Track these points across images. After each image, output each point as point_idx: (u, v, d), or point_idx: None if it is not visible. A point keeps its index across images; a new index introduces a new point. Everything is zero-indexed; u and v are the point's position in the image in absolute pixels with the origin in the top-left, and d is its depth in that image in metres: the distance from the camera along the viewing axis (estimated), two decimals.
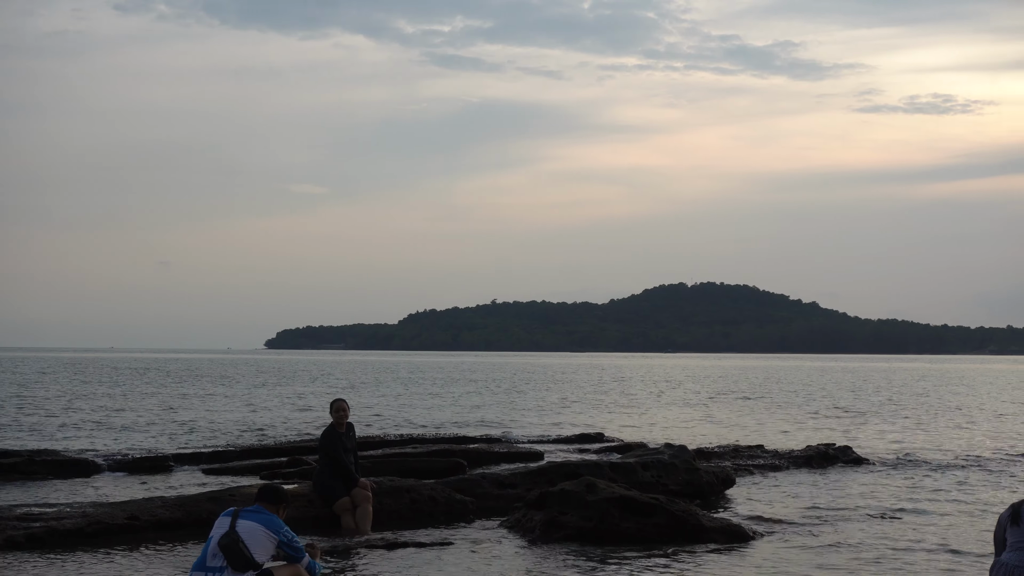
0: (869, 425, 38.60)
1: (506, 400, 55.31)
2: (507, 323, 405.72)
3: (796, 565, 13.82)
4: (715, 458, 24.80)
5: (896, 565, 13.84)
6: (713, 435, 33.58)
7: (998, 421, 40.82)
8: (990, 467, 24.81)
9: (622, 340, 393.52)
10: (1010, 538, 9.99)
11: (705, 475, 20.17)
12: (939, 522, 17.16)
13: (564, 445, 29.12)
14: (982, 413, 45.85)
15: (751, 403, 53.58)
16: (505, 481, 18.80)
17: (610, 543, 14.91)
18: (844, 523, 16.97)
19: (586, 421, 39.64)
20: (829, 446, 25.94)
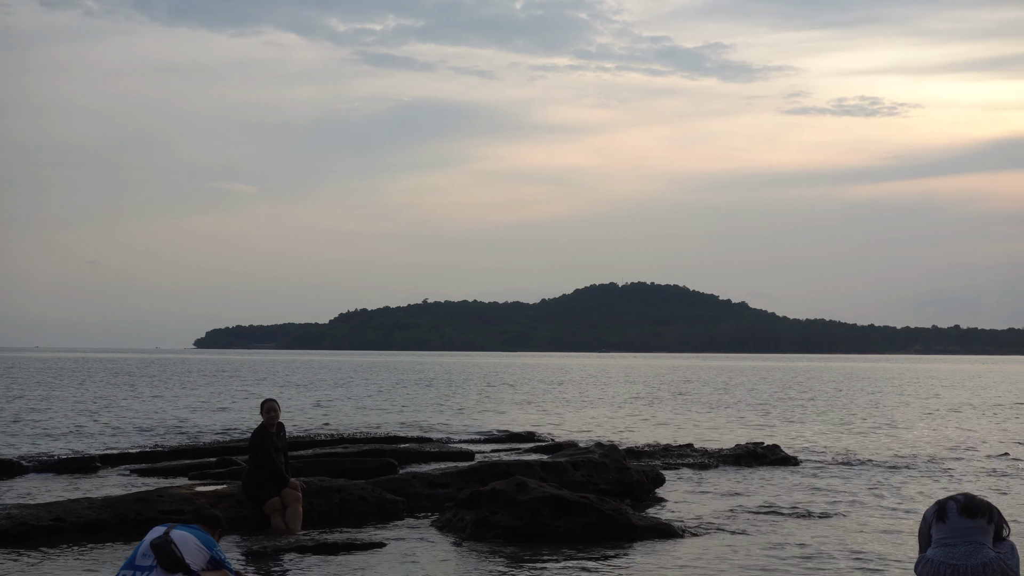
0: (797, 424, 38.98)
1: (437, 400, 55.23)
2: (439, 323, 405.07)
3: (724, 563, 13.92)
4: (645, 457, 24.97)
5: (822, 564, 13.98)
6: (643, 434, 33.75)
7: (925, 420, 41.36)
8: (917, 465, 25.12)
9: (553, 340, 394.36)
10: (935, 535, 10.12)
11: (635, 474, 20.27)
12: (866, 520, 17.35)
13: (495, 445, 29.16)
14: (909, 412, 46.44)
15: (681, 402, 53.91)
16: (436, 481, 18.79)
17: (541, 542, 14.95)
18: (772, 522, 17.11)
19: (517, 421, 39.68)
20: (758, 445, 26.15)
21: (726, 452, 25.87)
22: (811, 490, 20.80)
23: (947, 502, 10.20)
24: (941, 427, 37.51)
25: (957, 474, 23.62)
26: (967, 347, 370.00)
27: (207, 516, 11.34)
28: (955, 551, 9.85)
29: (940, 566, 9.86)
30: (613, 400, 55.83)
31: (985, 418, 42.64)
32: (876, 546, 15.11)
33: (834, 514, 17.88)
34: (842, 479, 22.57)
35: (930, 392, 68.29)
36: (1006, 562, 9.88)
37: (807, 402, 54.59)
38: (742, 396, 61.35)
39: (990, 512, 10.16)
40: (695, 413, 45.51)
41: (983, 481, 22.39)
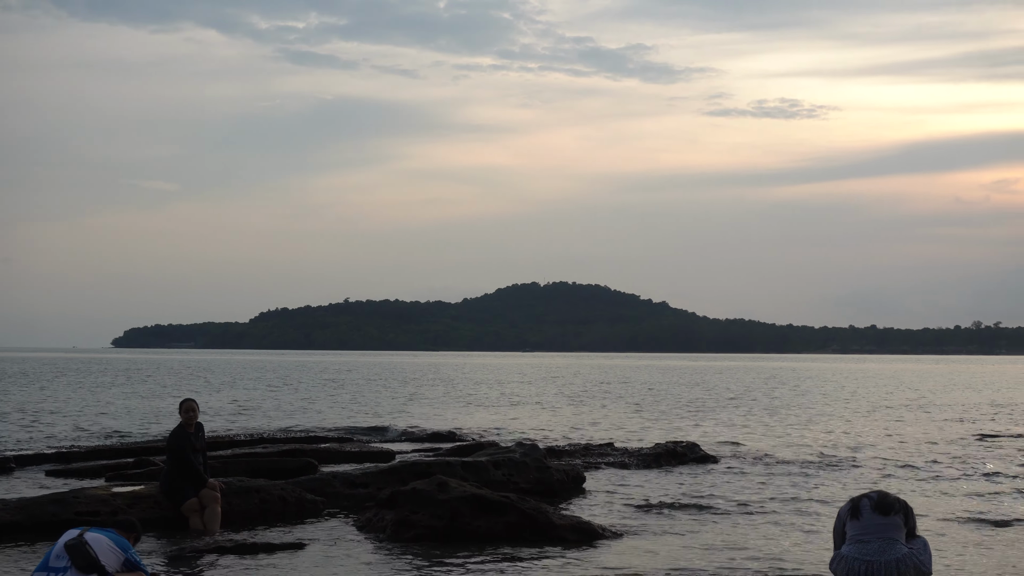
0: (716, 422, 39.29)
1: (357, 399, 55.02)
2: (360, 322, 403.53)
3: (644, 562, 14.00)
4: (566, 456, 25.04)
5: (739, 562, 14.12)
6: (564, 434, 33.86)
7: (841, 419, 41.86)
8: (833, 464, 25.42)
9: (475, 339, 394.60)
10: (849, 531, 10.27)
11: (556, 473, 20.34)
12: (783, 518, 17.53)
13: (416, 444, 29.14)
14: (826, 411, 46.98)
15: (602, 402, 54.13)
16: (356, 480, 18.73)
17: (462, 542, 14.95)
18: (691, 520, 17.24)
19: (438, 420, 39.64)
20: (677, 444, 26.31)
21: (646, 451, 26.01)
22: (729, 488, 20.97)
23: (861, 499, 10.36)
24: (857, 426, 37.98)
25: (872, 472, 23.93)
26: (883, 347, 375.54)
27: (122, 521, 11.29)
28: (869, 547, 10.01)
29: (854, 562, 10.01)
30: (534, 399, 55.93)
31: (899, 417, 43.24)
32: (793, 544, 15.27)
33: (752, 512, 18.05)
34: (760, 477, 22.79)
35: (847, 391, 69.15)
36: (918, 558, 10.06)
37: (726, 401, 55.03)
38: (662, 395, 61.73)
39: (903, 509, 10.34)
40: (616, 412, 45.72)
41: (897, 479, 22.72)
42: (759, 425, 38.13)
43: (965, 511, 18.20)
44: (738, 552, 14.63)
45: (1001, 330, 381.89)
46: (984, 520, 17.28)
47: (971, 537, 15.84)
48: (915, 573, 10.00)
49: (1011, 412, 47.02)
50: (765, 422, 39.65)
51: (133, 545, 10.88)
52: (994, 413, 46.24)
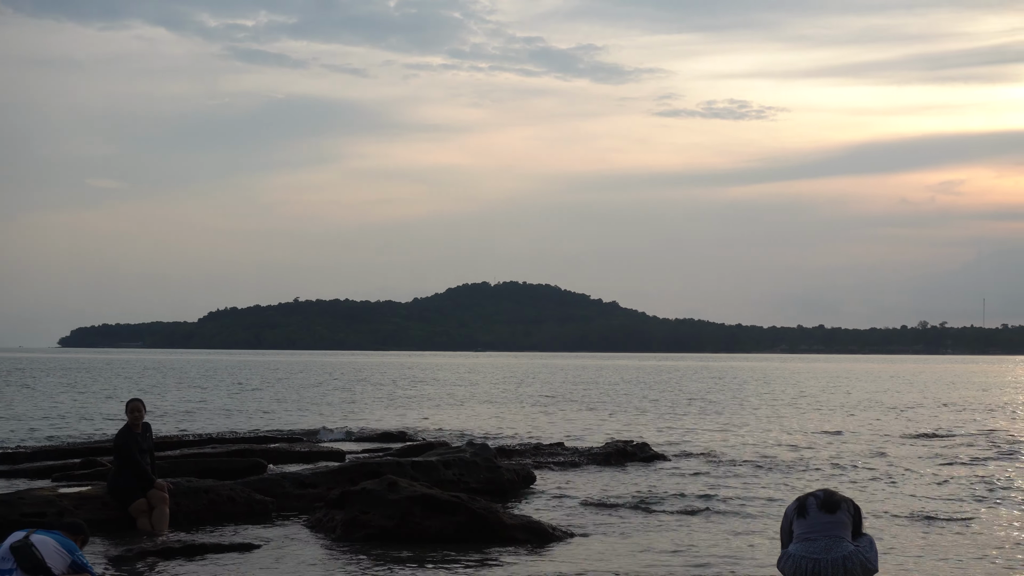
0: (666, 422, 39.43)
1: (308, 399, 54.82)
2: (310, 321, 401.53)
3: (594, 562, 14.03)
4: (516, 456, 25.06)
5: (689, 560, 14.18)
6: (514, 433, 33.89)
7: (791, 417, 42.13)
8: (782, 462, 25.57)
9: (426, 339, 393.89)
10: (796, 530, 10.33)
11: (506, 473, 20.36)
12: (732, 517, 17.61)
13: (366, 444, 29.09)
14: (776, 410, 47.26)
15: (552, 401, 54.22)
16: (306, 481, 18.65)
17: (412, 542, 14.92)
18: (641, 519, 17.30)
19: (389, 420, 39.58)
20: (627, 443, 26.38)
21: (596, 450, 26.07)
22: (679, 487, 21.05)
23: (807, 498, 10.43)
24: (805, 425, 38.23)
25: (819, 470, 24.10)
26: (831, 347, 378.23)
27: (69, 523, 11.18)
28: (815, 545, 10.08)
29: (802, 560, 10.08)
30: (485, 399, 55.94)
31: (846, 416, 43.56)
32: (741, 543, 15.36)
33: (701, 511, 18.12)
34: (709, 477, 22.89)
35: (796, 391, 69.61)
36: (865, 555, 10.15)
37: (676, 400, 55.26)
38: (612, 394, 61.90)
39: (849, 507, 10.43)
40: (566, 412, 45.81)
41: (844, 477, 22.89)
42: (709, 424, 38.30)
43: (911, 508, 18.36)
44: (688, 552, 14.69)
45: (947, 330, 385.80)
46: (930, 517, 17.44)
47: (917, 534, 15.99)
48: (862, 570, 10.08)
49: (957, 411, 47.48)
50: (714, 421, 39.83)
51: (80, 547, 10.79)
52: (940, 412, 46.67)
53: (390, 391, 65.25)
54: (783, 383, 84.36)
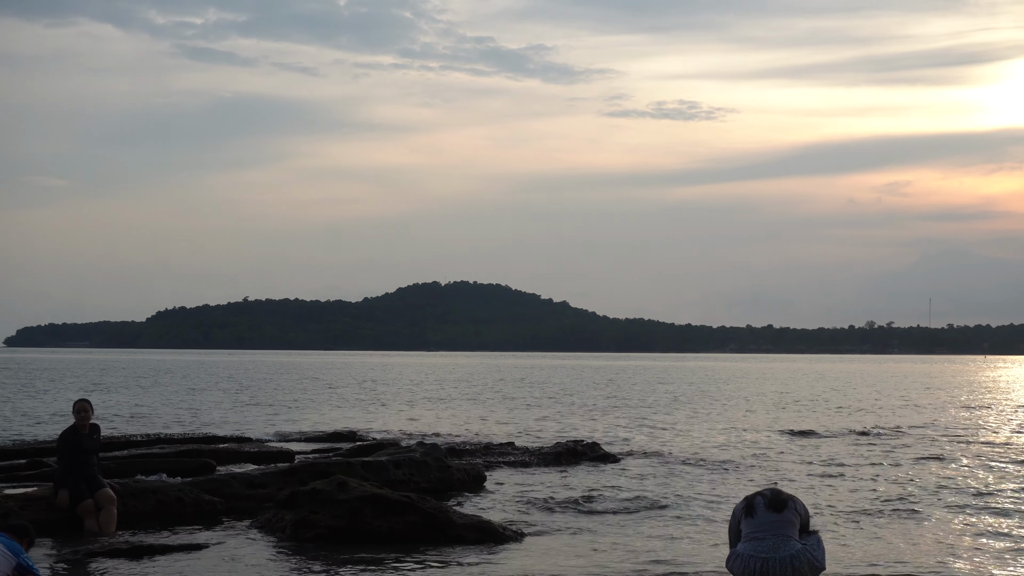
0: (617, 421, 39.55)
1: (257, 399, 54.55)
2: (259, 321, 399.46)
3: (544, 561, 14.06)
4: (467, 456, 25.05)
5: (640, 559, 14.23)
6: (465, 433, 33.88)
7: (740, 417, 42.36)
8: (731, 461, 25.72)
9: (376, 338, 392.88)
10: (744, 529, 10.39)
11: (457, 472, 20.36)
12: (683, 516, 17.70)
13: (316, 444, 28.98)
14: (724, 409, 47.51)
15: (502, 401, 54.24)
16: (255, 481, 18.57)
17: (362, 542, 14.89)
18: (592, 519, 17.35)
19: (339, 420, 39.46)
20: (577, 443, 26.45)
21: (547, 450, 26.11)
22: (628, 487, 21.12)
23: (755, 497, 10.49)
24: (754, 424, 38.47)
25: (767, 469, 24.27)
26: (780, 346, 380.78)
27: (14, 525, 11.08)
28: (763, 544, 10.14)
29: (750, 560, 10.13)
30: (435, 399, 55.90)
31: (795, 414, 43.88)
32: (690, 543, 15.44)
33: (650, 511, 18.20)
34: (659, 476, 22.98)
35: (745, 390, 70.01)
36: (812, 553, 10.22)
37: (626, 400, 55.43)
38: (563, 394, 62.00)
39: (796, 505, 10.50)
40: (516, 411, 45.85)
41: (791, 475, 23.05)
42: (658, 424, 38.45)
43: (856, 505, 18.52)
44: (637, 551, 14.74)
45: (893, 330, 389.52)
46: (874, 513, 17.60)
47: (863, 530, 16.13)
48: (809, 569, 10.14)
49: (901, 409, 47.92)
50: (664, 421, 39.99)
51: (26, 549, 10.70)
52: (884, 409, 47.08)
53: (340, 391, 65.05)
54: (732, 383, 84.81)
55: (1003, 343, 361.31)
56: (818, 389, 72.55)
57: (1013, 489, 21.12)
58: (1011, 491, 20.83)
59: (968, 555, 14.59)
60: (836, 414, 44.89)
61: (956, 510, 18.46)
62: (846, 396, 61.99)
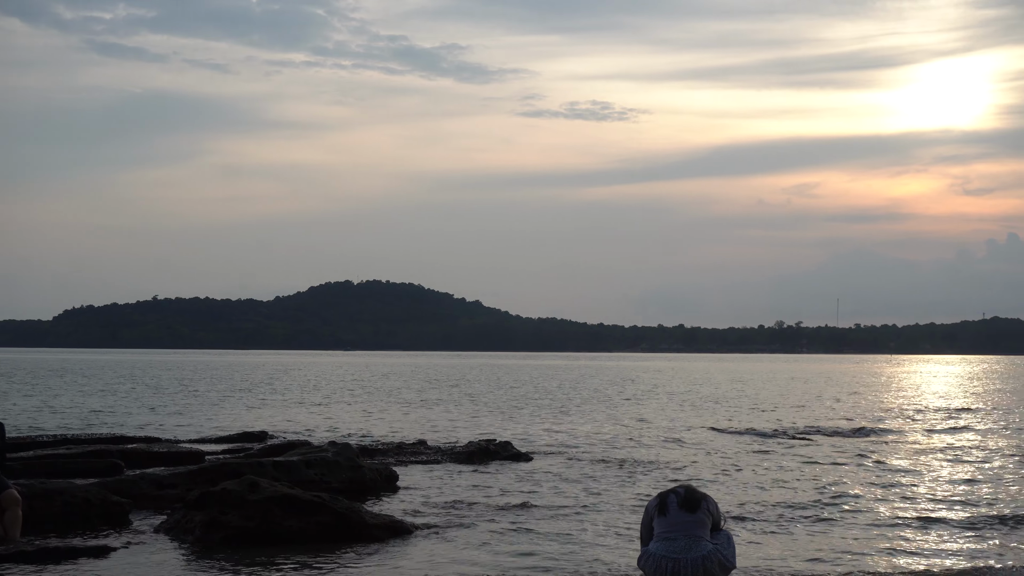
0: (529, 420, 39.66)
1: (166, 398, 53.94)
2: (169, 320, 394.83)
3: (456, 561, 14.07)
4: (379, 455, 25.00)
5: (548, 559, 14.28)
6: (377, 432, 33.78)
7: (654, 415, 42.64)
8: (644, 459, 25.89)
9: (288, 338, 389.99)
10: (657, 528, 10.46)
11: (369, 472, 20.30)
12: (595, 515, 17.78)
13: (227, 445, 28.72)
14: (637, 408, 47.81)
15: (415, 400, 54.15)
16: (164, 482, 18.38)
17: (274, 543, 14.79)
18: (504, 518, 17.37)
19: (249, 419, 39.16)
20: (490, 442, 26.50)
21: (459, 449, 26.13)
22: (541, 486, 21.19)
23: (668, 495, 10.58)
24: (667, 421, 38.76)
25: (681, 467, 24.46)
26: (691, 345, 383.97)
27: None
28: (675, 545, 10.23)
29: (662, 560, 10.21)
30: (347, 398, 55.64)
31: (706, 412, 44.28)
32: (602, 541, 15.52)
33: (563, 509, 18.27)
34: (571, 475, 23.07)
35: (659, 389, 70.51)
36: (723, 553, 10.34)
37: (539, 399, 55.57)
38: (475, 393, 62.02)
39: (709, 505, 10.60)
40: (430, 410, 45.80)
41: (703, 472, 23.25)
42: (570, 423, 38.60)
43: (769, 502, 18.74)
44: (548, 550, 14.80)
45: (802, 329, 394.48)
46: (784, 510, 17.82)
47: (773, 527, 16.32)
48: (720, 569, 10.25)
49: (815, 407, 48.56)
50: (576, 420, 40.16)
51: None
52: (797, 408, 47.69)
53: (251, 391, 64.52)
54: (644, 382, 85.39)
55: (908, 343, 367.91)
56: (730, 387, 73.27)
57: (922, 485, 21.52)
58: (919, 487, 21.22)
59: (879, 552, 14.83)
60: (749, 412, 45.37)
61: (866, 506, 18.75)
62: (758, 394, 62.69)
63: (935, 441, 32.02)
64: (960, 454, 28.07)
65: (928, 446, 30.34)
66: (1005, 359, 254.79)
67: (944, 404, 53.40)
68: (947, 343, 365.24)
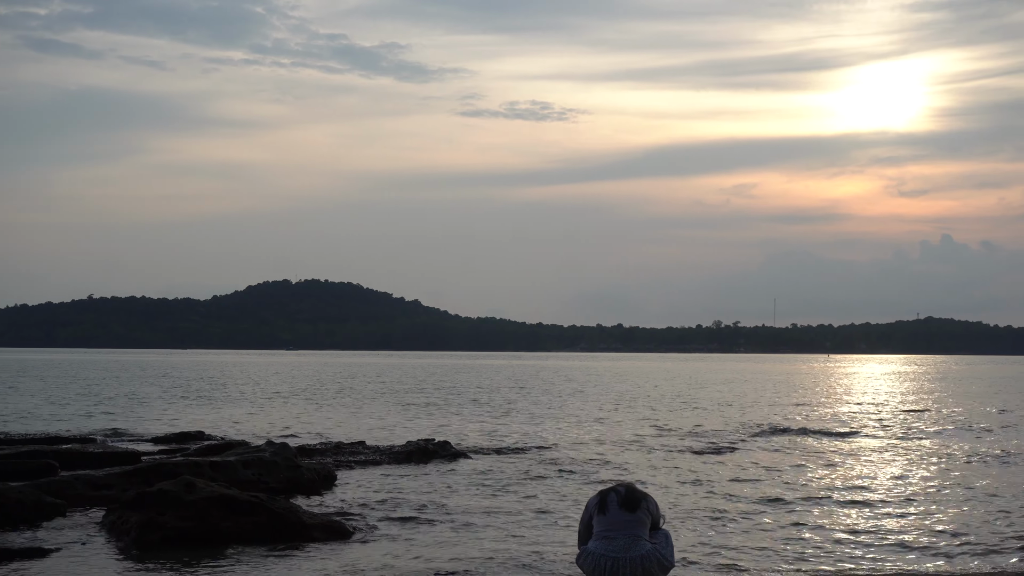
0: (467, 420, 39.66)
1: (102, 399, 53.41)
2: (105, 319, 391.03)
3: (394, 560, 14.06)
4: (317, 455, 24.91)
5: (488, 559, 14.29)
6: (316, 432, 33.65)
7: (592, 414, 42.77)
8: (584, 459, 25.97)
9: (226, 337, 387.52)
10: (596, 527, 10.47)
11: (307, 472, 20.22)
12: (532, 515, 17.81)
13: (164, 445, 28.50)
14: (577, 408, 47.92)
15: (354, 400, 53.96)
16: (100, 482, 18.20)
17: (211, 543, 14.70)
18: (441, 517, 17.38)
19: (187, 419, 38.87)
20: (429, 441, 26.48)
21: (398, 449, 26.09)
22: (480, 485, 21.21)
23: (609, 494, 10.59)
24: (608, 421, 38.89)
25: (621, 466, 24.56)
26: (630, 345, 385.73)
27: None
28: (615, 544, 10.25)
29: (601, 559, 10.23)
30: (285, 398, 55.36)
31: (647, 411, 44.47)
32: (542, 539, 15.55)
33: (500, 508, 18.29)
34: (511, 473, 23.11)
35: (596, 388, 70.71)
36: (661, 552, 10.37)
37: (479, 399, 55.56)
38: (414, 393, 61.91)
39: (648, 504, 10.63)
40: (368, 410, 45.66)
41: (645, 472, 23.36)
42: (509, 422, 38.65)
43: (708, 502, 18.86)
44: (486, 548, 14.81)
45: (740, 329, 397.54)
46: (718, 508, 17.96)
47: (708, 525, 16.43)
48: (659, 568, 10.29)
49: (755, 407, 48.93)
50: (515, 420, 40.22)
51: None
52: (738, 407, 48.02)
53: (188, 390, 64.02)
54: (583, 382, 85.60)
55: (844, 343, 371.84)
56: (668, 387, 73.62)
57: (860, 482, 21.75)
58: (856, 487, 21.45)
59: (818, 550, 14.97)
60: (688, 412, 45.61)
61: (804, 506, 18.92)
62: (696, 394, 63.03)
63: (873, 442, 32.38)
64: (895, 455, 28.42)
65: (866, 446, 30.68)
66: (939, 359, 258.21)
67: (881, 404, 54.01)
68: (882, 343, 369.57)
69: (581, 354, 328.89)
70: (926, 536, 16.02)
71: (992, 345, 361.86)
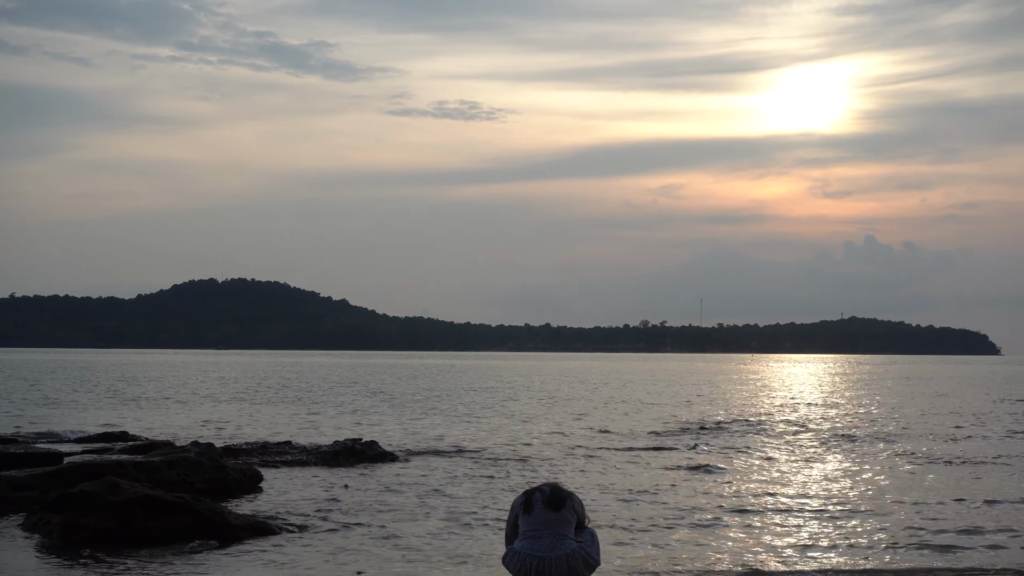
0: (395, 419, 39.59)
1: (23, 399, 52.70)
2: (26, 318, 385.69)
3: (320, 561, 14.02)
4: (243, 455, 24.75)
5: (415, 559, 14.31)
6: (241, 432, 33.44)
7: (518, 413, 42.87)
8: (512, 456, 26.03)
9: (151, 336, 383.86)
10: (522, 527, 10.51)
11: (233, 472, 20.09)
12: (458, 514, 17.82)
13: (87, 445, 28.16)
14: (503, 407, 48.01)
15: (280, 400, 53.69)
16: (21, 483, 17.98)
17: (135, 544, 14.57)
18: (368, 518, 17.35)
19: (110, 420, 38.46)
20: (356, 441, 26.40)
21: (325, 449, 25.98)
22: (407, 485, 21.20)
23: (534, 493, 10.64)
24: (535, 420, 39.01)
25: (548, 465, 24.64)
26: (557, 345, 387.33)
27: None
28: (540, 543, 10.29)
29: (527, 558, 10.27)
30: (211, 398, 54.94)
31: (577, 411, 44.64)
32: (469, 538, 15.58)
33: (429, 508, 18.30)
34: (438, 474, 23.12)
35: (523, 388, 70.87)
36: (586, 550, 10.43)
37: (407, 398, 55.49)
38: (341, 392, 61.69)
39: (573, 503, 10.69)
40: (294, 409, 45.45)
41: (570, 471, 23.46)
42: (437, 423, 38.64)
43: (636, 501, 18.99)
44: (413, 547, 14.82)
45: (667, 329, 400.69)
46: (655, 507, 18.08)
47: (642, 526, 16.54)
48: (584, 566, 10.34)
49: (685, 406, 49.27)
50: (442, 420, 40.21)
51: None
52: (667, 406, 48.35)
53: (113, 390, 63.33)
54: (510, 381, 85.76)
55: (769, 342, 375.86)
56: (594, 387, 73.95)
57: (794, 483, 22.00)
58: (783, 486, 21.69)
59: (756, 552, 15.12)
60: (613, 412, 45.85)
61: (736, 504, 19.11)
62: (622, 394, 63.37)
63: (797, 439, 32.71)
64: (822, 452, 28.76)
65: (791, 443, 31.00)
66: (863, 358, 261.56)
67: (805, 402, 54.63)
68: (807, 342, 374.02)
69: (509, 354, 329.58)
70: (841, 536, 16.23)
71: (915, 345, 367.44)
